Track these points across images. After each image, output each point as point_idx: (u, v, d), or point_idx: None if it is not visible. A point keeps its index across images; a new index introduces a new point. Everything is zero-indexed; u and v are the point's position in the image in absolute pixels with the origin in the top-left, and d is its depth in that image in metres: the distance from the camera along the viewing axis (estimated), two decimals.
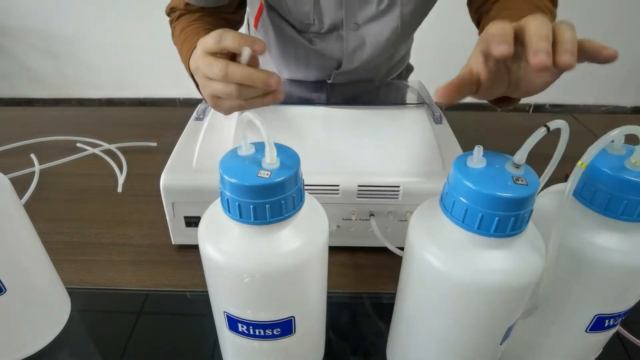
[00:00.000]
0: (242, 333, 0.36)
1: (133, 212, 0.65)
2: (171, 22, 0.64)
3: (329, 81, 0.78)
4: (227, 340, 0.39)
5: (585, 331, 0.39)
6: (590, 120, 0.96)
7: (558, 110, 2.69)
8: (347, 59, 0.73)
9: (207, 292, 0.37)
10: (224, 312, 0.36)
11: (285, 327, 0.36)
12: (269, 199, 0.30)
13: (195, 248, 0.60)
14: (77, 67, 2.62)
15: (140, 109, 1.73)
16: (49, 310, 0.47)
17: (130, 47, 2.53)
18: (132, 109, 1.74)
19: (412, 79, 0.92)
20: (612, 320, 0.38)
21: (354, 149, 0.58)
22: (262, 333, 0.36)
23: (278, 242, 0.32)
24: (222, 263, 0.32)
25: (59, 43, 2.53)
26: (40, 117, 0.96)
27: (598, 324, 0.38)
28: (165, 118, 0.94)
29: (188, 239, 0.57)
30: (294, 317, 0.35)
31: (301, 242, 0.33)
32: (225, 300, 0.35)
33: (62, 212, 0.65)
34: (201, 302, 0.51)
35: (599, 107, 2.73)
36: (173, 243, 0.58)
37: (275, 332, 0.36)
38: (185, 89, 2.63)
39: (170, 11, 0.65)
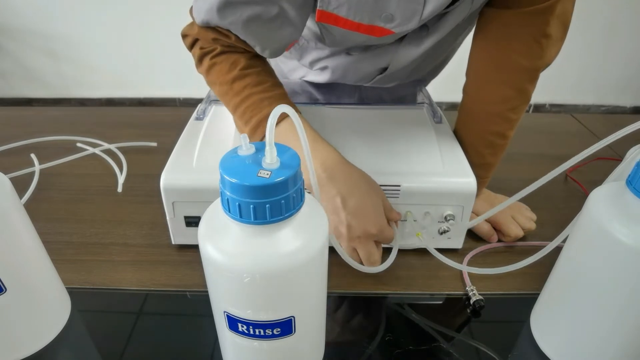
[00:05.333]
0: (242, 333, 0.36)
1: (133, 212, 0.65)
2: (204, 55, 0.56)
3: (367, 84, 0.73)
4: (227, 340, 0.39)
5: None
6: (590, 120, 0.96)
7: (558, 110, 2.69)
8: (396, 62, 0.66)
9: (207, 292, 0.37)
10: (224, 312, 0.36)
11: (285, 327, 0.36)
12: (269, 199, 0.30)
13: (195, 248, 0.59)
14: (77, 67, 2.62)
15: (140, 109, 1.73)
16: (49, 310, 0.47)
17: (130, 47, 2.53)
18: (132, 109, 1.74)
19: None
20: None
21: (354, 149, 0.58)
22: (262, 333, 0.36)
23: (278, 242, 0.32)
24: (222, 263, 0.32)
25: (59, 43, 2.53)
26: (40, 117, 0.96)
27: None
28: (165, 118, 0.94)
29: (188, 239, 0.57)
30: (294, 317, 0.35)
31: (301, 242, 0.33)
32: (225, 300, 0.35)
33: (62, 212, 0.65)
34: (201, 302, 0.51)
35: (598, 107, 2.73)
36: (173, 243, 0.58)
37: (275, 332, 0.36)
38: (185, 89, 2.64)
39: (194, 41, 0.56)
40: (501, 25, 0.53)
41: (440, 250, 0.54)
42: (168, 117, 0.94)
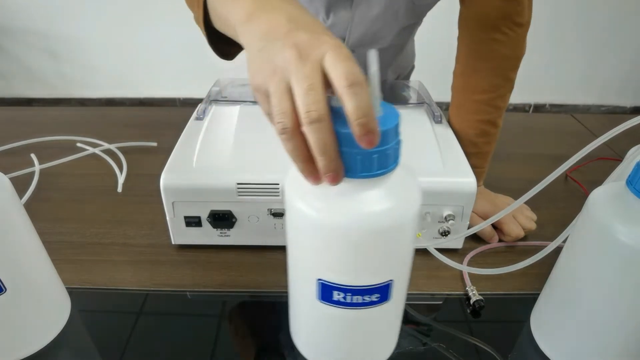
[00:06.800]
0: (337, 302, 0.34)
1: (133, 212, 0.65)
2: None
3: None
4: (313, 314, 0.37)
5: None
6: (590, 120, 0.96)
7: (558, 110, 2.69)
8: (350, 35, 0.69)
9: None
10: (318, 279, 0.34)
11: (383, 293, 0.34)
12: (377, 148, 0.28)
13: (195, 248, 0.59)
14: (77, 67, 2.62)
15: (140, 109, 1.73)
16: (49, 310, 0.47)
17: (130, 47, 2.53)
18: (132, 109, 1.74)
19: (412, 78, 0.92)
20: None
21: None
22: (359, 300, 0.34)
23: (377, 199, 0.31)
24: (324, 222, 0.30)
25: (59, 43, 2.53)
26: (40, 117, 0.96)
27: None
28: (165, 118, 0.94)
29: (188, 239, 0.57)
30: (392, 281, 0.34)
31: (398, 201, 0.31)
32: (321, 265, 0.33)
33: (62, 212, 0.65)
34: (201, 302, 0.51)
35: (598, 107, 2.73)
36: (173, 243, 0.58)
37: (374, 298, 0.34)
38: (185, 89, 2.64)
39: None
40: (479, 19, 0.58)
41: (441, 250, 0.54)
42: (168, 117, 0.94)
